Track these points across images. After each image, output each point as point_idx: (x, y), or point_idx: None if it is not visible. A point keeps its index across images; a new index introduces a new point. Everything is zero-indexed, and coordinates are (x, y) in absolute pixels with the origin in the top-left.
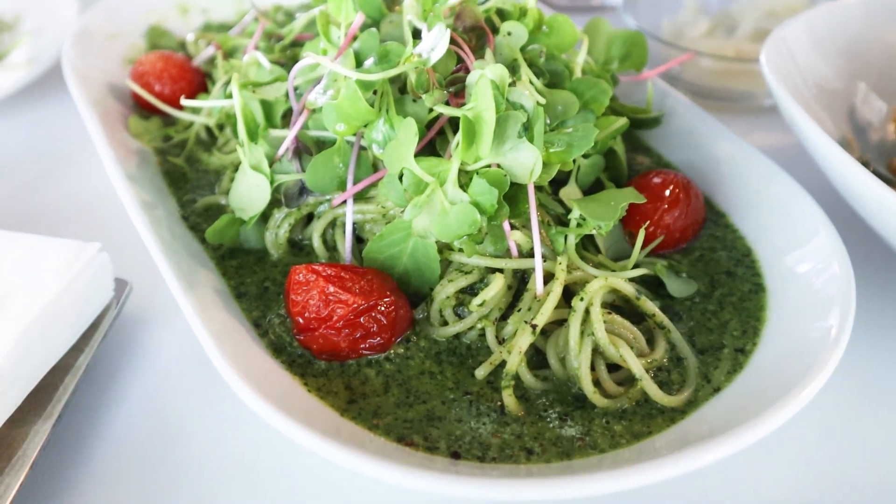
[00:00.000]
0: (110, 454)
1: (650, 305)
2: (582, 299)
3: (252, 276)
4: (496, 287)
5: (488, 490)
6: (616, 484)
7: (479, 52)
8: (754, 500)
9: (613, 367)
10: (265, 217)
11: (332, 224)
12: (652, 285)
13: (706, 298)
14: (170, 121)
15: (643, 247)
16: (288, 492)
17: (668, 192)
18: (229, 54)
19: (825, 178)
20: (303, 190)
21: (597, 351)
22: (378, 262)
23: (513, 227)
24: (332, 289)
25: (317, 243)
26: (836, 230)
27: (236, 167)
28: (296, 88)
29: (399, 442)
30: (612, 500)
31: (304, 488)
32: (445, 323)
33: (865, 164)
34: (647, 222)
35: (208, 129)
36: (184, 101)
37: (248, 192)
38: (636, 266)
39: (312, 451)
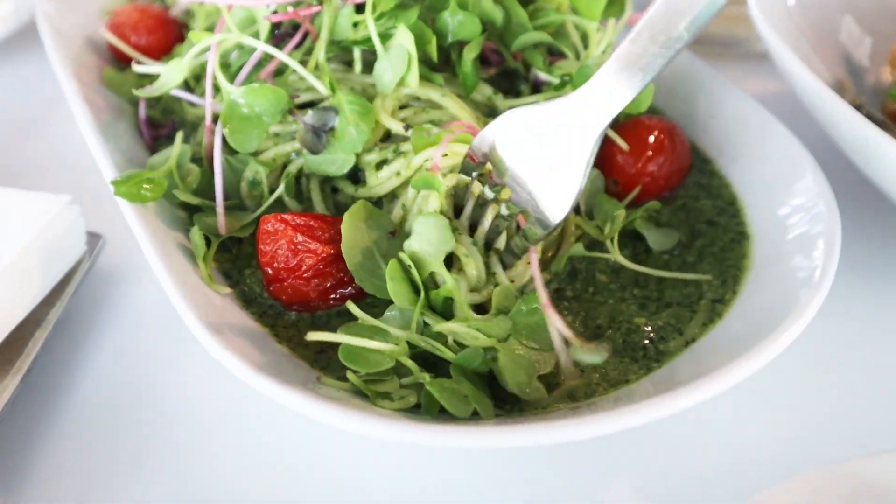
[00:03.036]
0: (81, 409)
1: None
2: None
3: None
4: None
5: (462, 438)
6: (587, 430)
7: None
8: (736, 445)
9: None
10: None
11: (304, 173)
12: (629, 237)
13: (686, 249)
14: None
15: (624, 195)
16: (261, 444)
17: (652, 139)
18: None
19: (817, 127)
20: (319, 130)
21: None
22: None
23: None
24: (300, 238)
25: (286, 197)
26: (822, 171)
27: (214, 119)
28: None
29: None
30: (588, 448)
31: (278, 440)
32: None
33: (858, 106)
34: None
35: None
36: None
37: None
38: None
39: (283, 405)
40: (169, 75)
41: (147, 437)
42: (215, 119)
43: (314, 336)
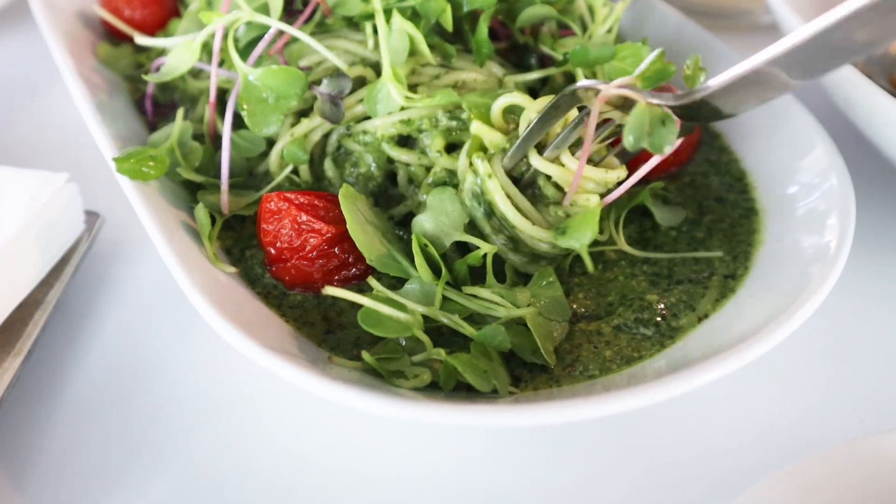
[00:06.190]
0: (83, 391)
1: None
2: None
3: None
4: None
5: (482, 417)
6: (604, 408)
7: None
8: (751, 422)
9: None
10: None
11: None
12: (637, 213)
13: (694, 225)
14: (141, 47)
15: (632, 172)
16: (270, 426)
17: None
18: None
19: (827, 98)
20: (336, 99)
21: None
22: None
23: None
24: (304, 217)
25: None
26: (833, 143)
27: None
28: None
29: None
30: (605, 425)
31: (281, 420)
32: None
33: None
34: None
35: None
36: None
37: None
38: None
39: (290, 384)
40: (179, 57)
41: (152, 419)
42: (219, 96)
43: (331, 291)
